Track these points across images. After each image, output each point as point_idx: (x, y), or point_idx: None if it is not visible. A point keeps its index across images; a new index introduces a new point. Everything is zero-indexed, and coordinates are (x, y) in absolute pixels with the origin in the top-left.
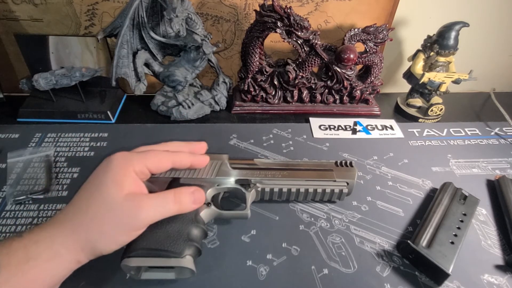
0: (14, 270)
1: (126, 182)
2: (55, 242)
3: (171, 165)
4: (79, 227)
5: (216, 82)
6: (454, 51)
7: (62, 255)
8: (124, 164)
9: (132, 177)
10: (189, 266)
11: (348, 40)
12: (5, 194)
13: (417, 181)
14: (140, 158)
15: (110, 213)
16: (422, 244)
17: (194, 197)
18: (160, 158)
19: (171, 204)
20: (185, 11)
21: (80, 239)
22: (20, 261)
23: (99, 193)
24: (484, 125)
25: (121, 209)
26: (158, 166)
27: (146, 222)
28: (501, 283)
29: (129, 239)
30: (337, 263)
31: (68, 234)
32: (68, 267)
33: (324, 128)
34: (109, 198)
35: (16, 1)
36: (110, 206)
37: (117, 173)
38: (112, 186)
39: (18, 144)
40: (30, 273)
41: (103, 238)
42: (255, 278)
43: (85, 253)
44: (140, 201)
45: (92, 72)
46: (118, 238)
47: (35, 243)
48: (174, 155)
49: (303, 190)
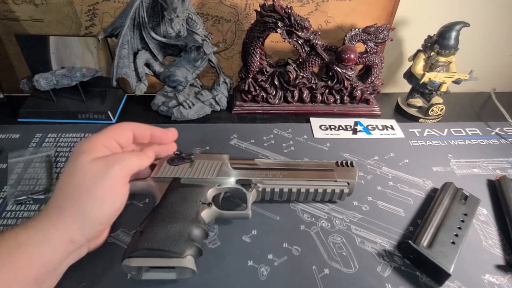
0: (5, 258)
1: (93, 150)
2: (44, 225)
3: (131, 132)
4: (64, 201)
5: (217, 82)
6: (455, 51)
7: (53, 236)
8: (90, 139)
9: (100, 148)
10: (190, 266)
11: (348, 40)
12: (6, 194)
13: (417, 181)
14: (102, 132)
15: (88, 176)
16: (423, 244)
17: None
18: (120, 127)
19: (133, 156)
20: (185, 11)
21: (70, 213)
22: (11, 249)
23: (70, 167)
24: (485, 125)
25: (96, 169)
26: (121, 135)
27: (121, 175)
28: (502, 283)
29: (116, 198)
30: (338, 263)
31: (55, 213)
32: (62, 249)
33: (324, 128)
34: (80, 166)
35: (16, 1)
36: (86, 171)
37: (85, 146)
38: (80, 155)
39: (18, 144)
40: (21, 259)
41: (90, 201)
42: (256, 278)
43: (79, 226)
44: (108, 157)
45: (92, 72)
46: (106, 197)
47: (25, 229)
48: (133, 123)
49: (304, 190)
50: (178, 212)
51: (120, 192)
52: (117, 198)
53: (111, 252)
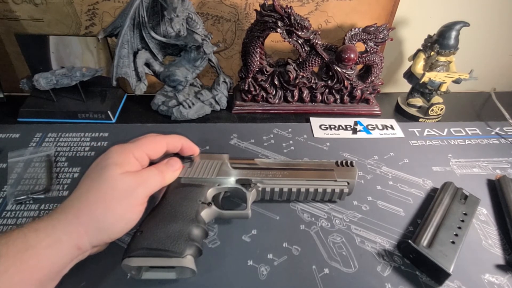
0: (13, 259)
1: (127, 165)
2: (56, 229)
3: (166, 147)
4: (83, 209)
5: (217, 81)
6: (455, 51)
7: (63, 241)
8: (124, 151)
9: (133, 162)
10: (190, 266)
11: (348, 40)
12: (5, 194)
13: (417, 180)
14: (137, 145)
15: (113, 190)
16: (423, 243)
17: (172, 167)
18: (155, 141)
19: (158, 177)
20: (185, 11)
21: (85, 221)
22: (19, 250)
23: (99, 175)
24: (485, 125)
25: (122, 186)
26: (154, 149)
27: (145, 194)
28: (502, 282)
29: (134, 216)
30: (338, 263)
31: (70, 218)
32: (69, 253)
33: (324, 127)
34: (110, 178)
35: (16, 1)
36: (113, 185)
37: (118, 158)
38: (113, 168)
39: (18, 144)
40: (29, 261)
41: (110, 215)
42: (255, 278)
43: (89, 236)
44: (135, 175)
45: (92, 72)
46: (125, 214)
47: (35, 231)
48: (167, 136)
49: (304, 190)
50: (178, 212)
51: (138, 212)
52: (134, 217)
53: (111, 251)
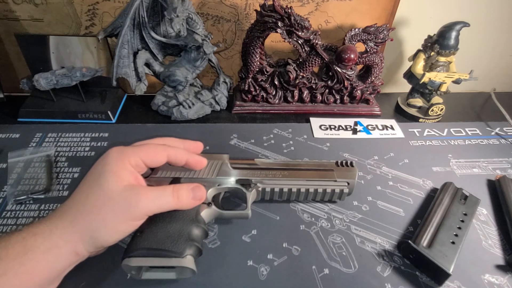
0: (12, 263)
1: (124, 174)
2: (53, 234)
3: (167, 158)
4: (78, 217)
5: (217, 82)
6: (455, 51)
7: (60, 246)
8: (120, 157)
9: (129, 170)
10: (190, 266)
11: (348, 40)
12: (6, 194)
13: (417, 181)
14: (135, 151)
15: (110, 202)
16: (423, 244)
17: (193, 194)
18: (156, 151)
19: (170, 197)
20: (185, 11)
21: (80, 229)
22: (18, 254)
23: (98, 184)
24: (485, 125)
25: (120, 198)
26: (153, 159)
27: (144, 212)
28: (501, 283)
29: (129, 229)
30: (338, 263)
31: (67, 225)
32: (67, 258)
33: (324, 128)
34: (108, 189)
35: (16, 1)
36: (110, 195)
37: (115, 166)
38: (110, 177)
39: (18, 144)
40: (28, 265)
41: (103, 227)
42: (255, 278)
43: (84, 243)
44: (139, 191)
45: (92, 72)
46: (119, 227)
47: (33, 235)
48: (170, 149)
49: (304, 190)
50: (177, 212)
51: (133, 226)
52: (129, 229)
53: (111, 251)
